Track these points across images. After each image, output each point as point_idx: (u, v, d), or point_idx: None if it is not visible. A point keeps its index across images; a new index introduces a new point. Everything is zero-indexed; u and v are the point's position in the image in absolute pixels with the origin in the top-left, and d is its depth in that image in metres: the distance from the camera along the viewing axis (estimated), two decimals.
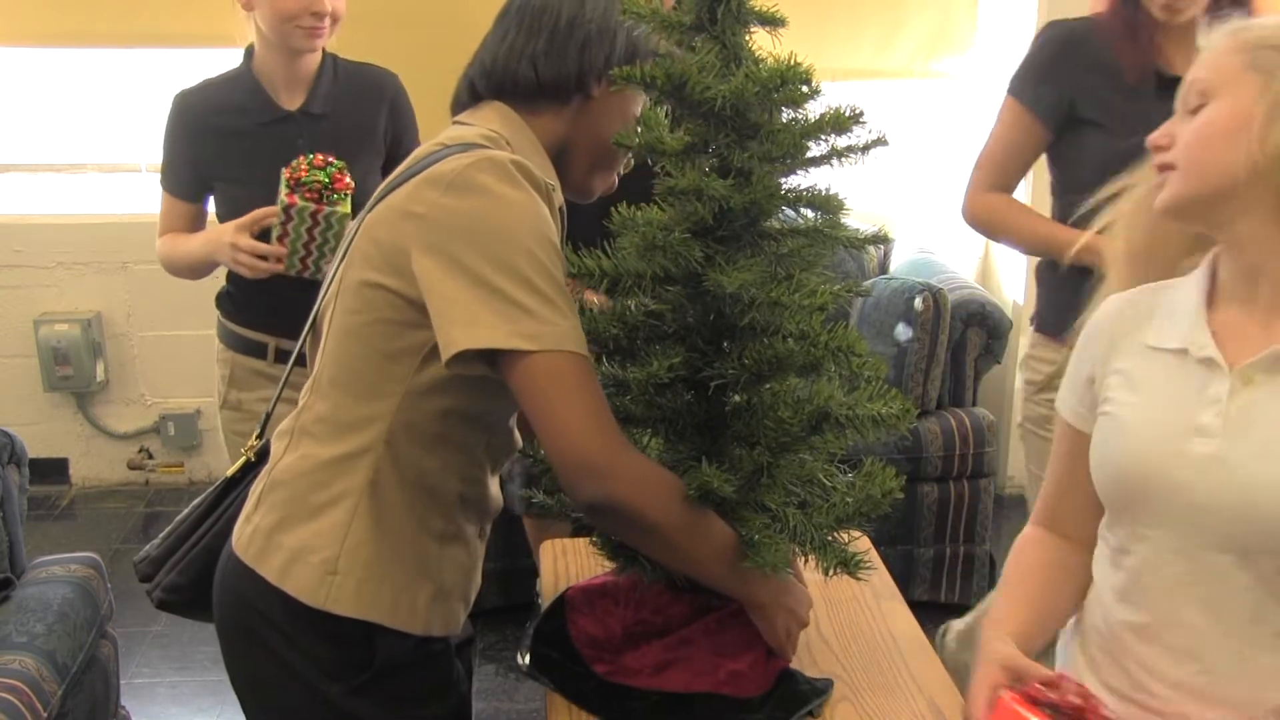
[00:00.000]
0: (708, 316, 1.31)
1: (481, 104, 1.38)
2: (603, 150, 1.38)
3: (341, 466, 1.29)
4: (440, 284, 1.19)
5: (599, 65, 1.34)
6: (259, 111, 2.14)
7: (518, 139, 1.34)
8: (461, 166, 1.22)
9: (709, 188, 1.21)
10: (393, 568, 1.29)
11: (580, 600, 1.45)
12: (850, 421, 1.27)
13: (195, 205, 2.24)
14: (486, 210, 1.20)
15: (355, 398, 1.28)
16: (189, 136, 2.17)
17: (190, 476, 4.07)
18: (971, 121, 4.11)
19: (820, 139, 1.27)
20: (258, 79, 2.15)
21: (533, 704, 2.85)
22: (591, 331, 1.27)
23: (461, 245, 1.19)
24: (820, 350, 1.24)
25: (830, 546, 1.29)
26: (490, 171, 1.22)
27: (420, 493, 1.31)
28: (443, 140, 1.32)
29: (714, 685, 1.36)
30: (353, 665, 1.29)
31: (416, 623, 1.32)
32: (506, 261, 1.18)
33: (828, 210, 1.30)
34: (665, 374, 1.24)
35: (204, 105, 2.17)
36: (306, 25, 2.04)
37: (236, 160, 2.14)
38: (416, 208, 1.23)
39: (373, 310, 1.26)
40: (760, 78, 1.22)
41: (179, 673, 2.98)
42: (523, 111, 1.36)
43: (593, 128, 1.37)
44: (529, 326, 1.18)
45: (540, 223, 1.22)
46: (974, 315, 3.34)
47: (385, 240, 1.25)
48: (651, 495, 1.23)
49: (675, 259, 1.26)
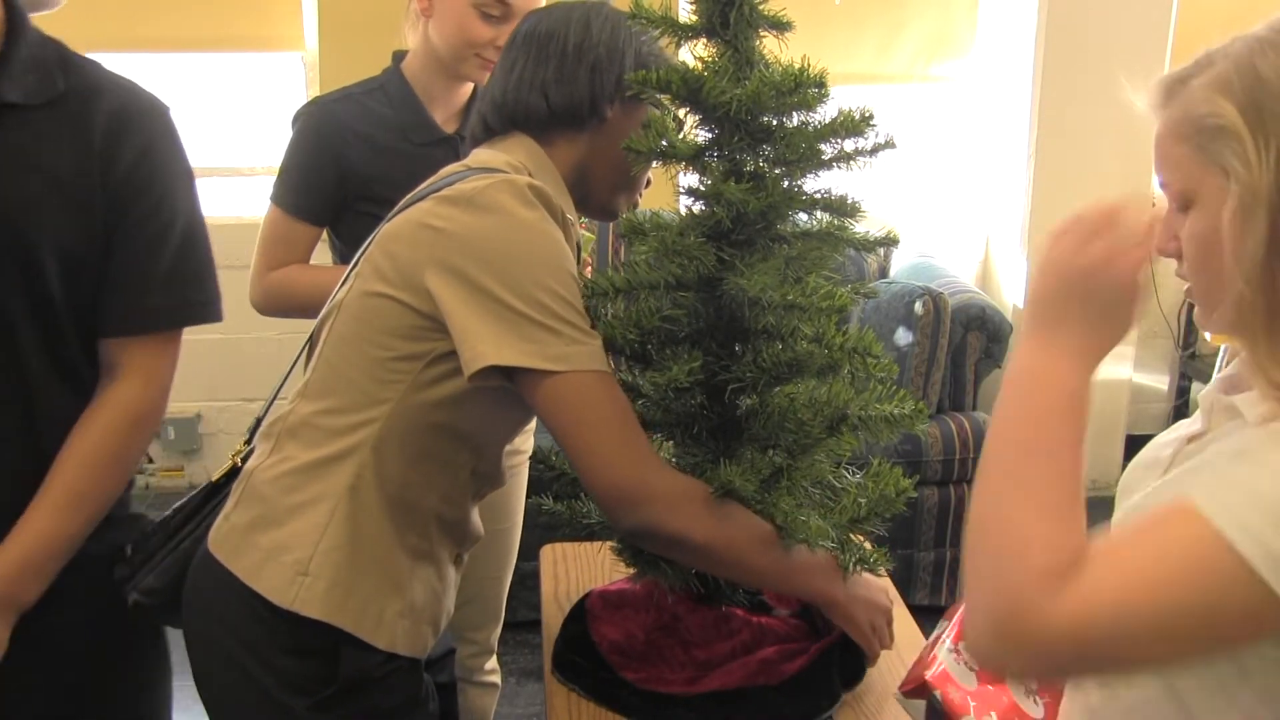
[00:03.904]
0: (721, 320, 1.31)
1: (500, 137, 1.38)
2: (623, 171, 1.38)
3: (323, 469, 1.29)
4: (461, 303, 1.20)
5: (610, 87, 1.34)
6: (420, 130, 1.92)
7: (539, 169, 1.34)
8: (483, 186, 1.23)
9: (728, 192, 1.22)
10: (364, 576, 1.29)
11: (600, 608, 1.46)
12: (864, 423, 1.27)
13: (318, 230, 1.95)
14: (506, 230, 1.21)
15: (346, 405, 1.28)
16: (332, 151, 1.88)
17: (190, 480, 4.06)
18: (971, 125, 4.12)
19: (832, 142, 1.28)
20: (418, 97, 1.94)
21: (533, 709, 2.85)
22: (608, 338, 1.28)
23: (479, 264, 1.20)
24: (837, 352, 1.24)
25: (849, 546, 1.29)
26: (510, 193, 1.22)
27: (399, 505, 1.30)
28: (467, 163, 1.34)
29: (747, 678, 1.36)
30: (318, 679, 1.28)
31: (382, 636, 1.30)
32: (524, 282, 1.19)
33: (843, 213, 1.30)
34: (686, 379, 1.24)
35: (354, 118, 1.91)
36: (488, 56, 1.86)
37: (395, 181, 1.70)
38: (435, 223, 1.23)
39: (378, 320, 1.27)
40: (774, 81, 1.22)
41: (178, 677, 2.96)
42: (539, 140, 1.37)
43: (610, 150, 1.36)
44: (554, 348, 1.19)
45: (556, 246, 1.24)
46: (974, 319, 3.35)
47: (400, 254, 1.26)
48: (690, 516, 1.23)
49: (690, 263, 1.27)
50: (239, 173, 3.81)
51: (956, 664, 1.19)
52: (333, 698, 1.28)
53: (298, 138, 1.93)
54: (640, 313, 1.30)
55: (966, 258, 4.14)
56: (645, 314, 1.30)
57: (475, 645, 2.13)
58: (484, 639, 2.15)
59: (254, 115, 3.81)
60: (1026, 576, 0.80)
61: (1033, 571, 0.80)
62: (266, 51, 3.74)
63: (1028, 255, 3.85)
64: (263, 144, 3.78)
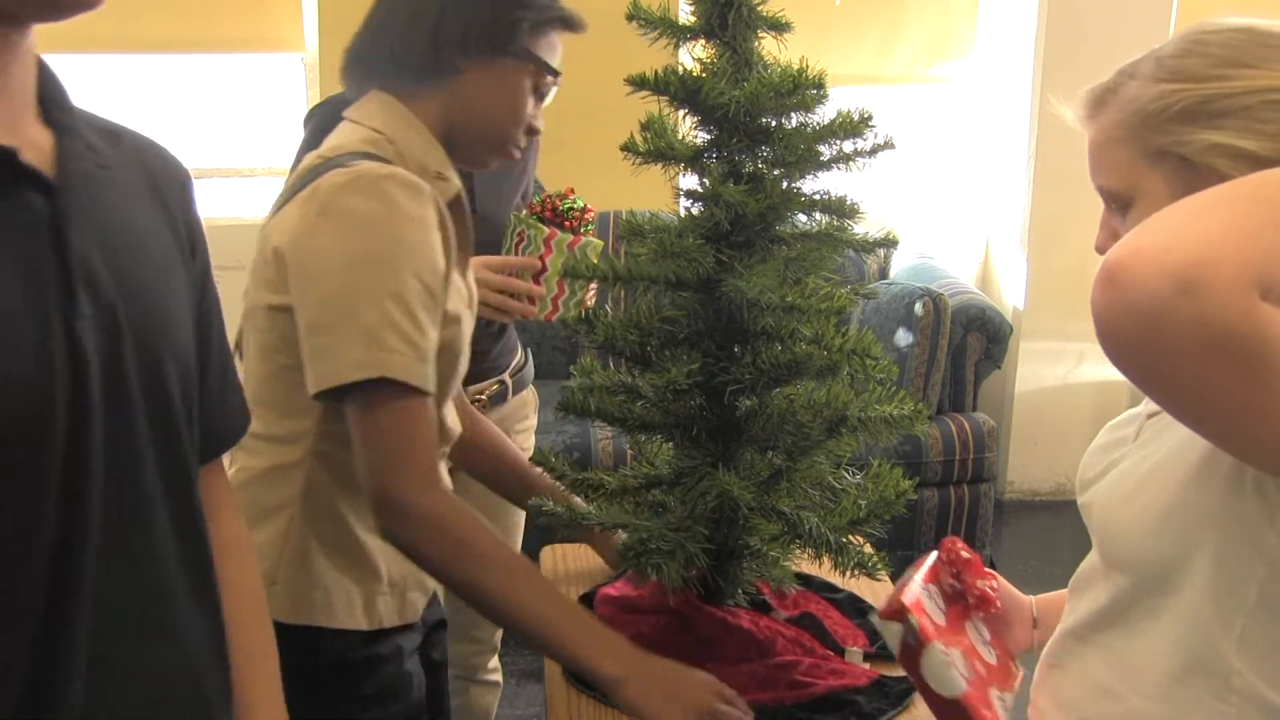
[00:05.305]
0: (720, 321, 1.31)
1: (367, 95, 1.36)
2: (488, 127, 1.35)
3: (276, 478, 1.29)
4: (304, 321, 1.21)
5: (457, 39, 1.30)
6: None
7: (401, 130, 1.31)
8: (336, 187, 1.21)
9: (727, 193, 1.22)
10: (334, 572, 1.30)
11: (608, 614, 1.46)
12: (864, 424, 1.27)
13: None
14: (352, 243, 1.20)
15: (280, 413, 1.29)
16: None
17: None
18: (971, 125, 4.12)
19: (830, 143, 1.28)
20: None
21: (533, 709, 2.85)
22: (608, 339, 1.28)
23: (326, 274, 1.20)
24: (837, 353, 1.24)
25: (847, 548, 1.29)
26: (361, 192, 1.21)
27: (357, 494, 1.29)
28: (323, 152, 1.30)
29: (775, 697, 1.34)
30: (300, 669, 1.28)
31: (364, 620, 1.31)
32: (364, 293, 1.19)
33: (842, 214, 1.30)
34: (684, 380, 1.24)
35: None
36: None
37: None
38: (294, 227, 1.23)
39: (277, 330, 1.27)
40: (773, 83, 1.22)
41: None
42: (401, 96, 1.33)
43: (472, 105, 1.33)
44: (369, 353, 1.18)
45: (405, 247, 1.21)
46: (974, 320, 3.35)
47: (272, 259, 1.26)
48: (425, 541, 1.23)
49: (689, 264, 1.27)
50: (239, 174, 3.81)
51: (929, 600, 1.24)
52: (313, 683, 1.26)
53: (310, 138, 1.91)
54: (640, 314, 1.30)
55: (966, 259, 4.14)
56: (645, 315, 1.30)
57: (478, 643, 2.13)
58: (487, 637, 2.15)
59: (254, 116, 3.81)
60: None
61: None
62: (266, 52, 3.74)
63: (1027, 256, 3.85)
64: (263, 145, 3.78)
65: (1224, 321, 0.74)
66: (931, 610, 1.22)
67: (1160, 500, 0.98)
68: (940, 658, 1.15)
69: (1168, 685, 0.99)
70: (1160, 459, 1.01)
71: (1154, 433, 1.05)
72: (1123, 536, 1.02)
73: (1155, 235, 0.78)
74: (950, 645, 1.18)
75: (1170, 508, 0.97)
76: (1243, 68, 0.93)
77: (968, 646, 1.22)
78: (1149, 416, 1.07)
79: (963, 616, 1.27)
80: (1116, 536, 1.03)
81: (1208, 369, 0.76)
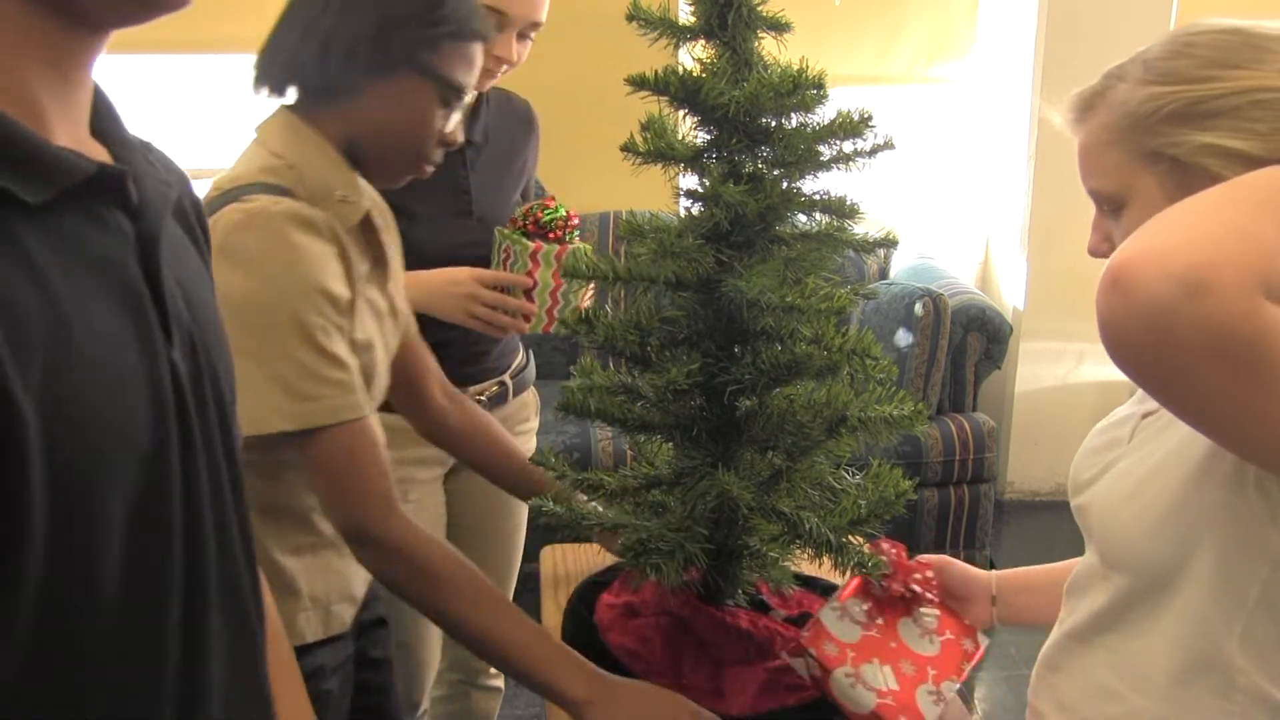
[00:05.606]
0: (719, 322, 1.31)
1: (275, 111, 1.33)
2: (395, 145, 1.32)
3: None
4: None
5: (348, 56, 1.26)
6: None
7: (302, 152, 1.29)
8: (230, 226, 1.20)
9: (726, 193, 1.22)
10: None
11: (607, 622, 1.46)
12: (864, 424, 1.27)
13: None
14: (249, 283, 1.19)
15: None
16: None
17: None
18: (971, 126, 4.12)
19: (830, 143, 1.28)
20: None
21: (533, 709, 2.85)
22: (608, 339, 1.28)
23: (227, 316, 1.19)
24: (837, 353, 1.24)
25: (847, 548, 1.29)
26: (255, 230, 1.19)
27: (269, 518, 1.30)
28: (221, 183, 1.27)
29: (778, 702, 1.34)
30: None
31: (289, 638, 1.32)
32: (270, 336, 1.19)
33: (842, 215, 1.30)
34: (684, 380, 1.24)
35: None
36: (487, 65, 1.79)
37: (415, 195, 1.65)
38: None
39: None
40: (772, 83, 1.22)
41: None
42: (304, 113, 1.30)
43: (374, 123, 1.30)
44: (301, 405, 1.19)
45: (304, 285, 1.20)
46: (974, 320, 3.35)
47: None
48: (388, 563, 1.25)
49: (689, 265, 1.27)
50: None
51: (839, 620, 1.29)
52: None
53: None
54: (640, 314, 1.30)
55: (966, 259, 4.14)
56: (644, 315, 1.30)
57: None
58: None
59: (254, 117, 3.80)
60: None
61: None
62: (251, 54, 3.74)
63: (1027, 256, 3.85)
64: None
65: (1229, 323, 0.74)
66: (842, 631, 1.28)
67: (1161, 500, 0.98)
68: (844, 681, 1.23)
69: (1170, 685, 0.99)
70: (1159, 459, 1.01)
71: (1151, 433, 1.05)
72: (1123, 537, 1.02)
73: (1158, 238, 0.78)
74: (861, 662, 1.24)
75: (1171, 508, 0.97)
76: (1231, 68, 0.94)
77: (892, 651, 1.27)
78: (1144, 416, 1.07)
79: (899, 615, 1.32)
80: (1116, 537, 1.03)
81: (1213, 370, 0.76)
